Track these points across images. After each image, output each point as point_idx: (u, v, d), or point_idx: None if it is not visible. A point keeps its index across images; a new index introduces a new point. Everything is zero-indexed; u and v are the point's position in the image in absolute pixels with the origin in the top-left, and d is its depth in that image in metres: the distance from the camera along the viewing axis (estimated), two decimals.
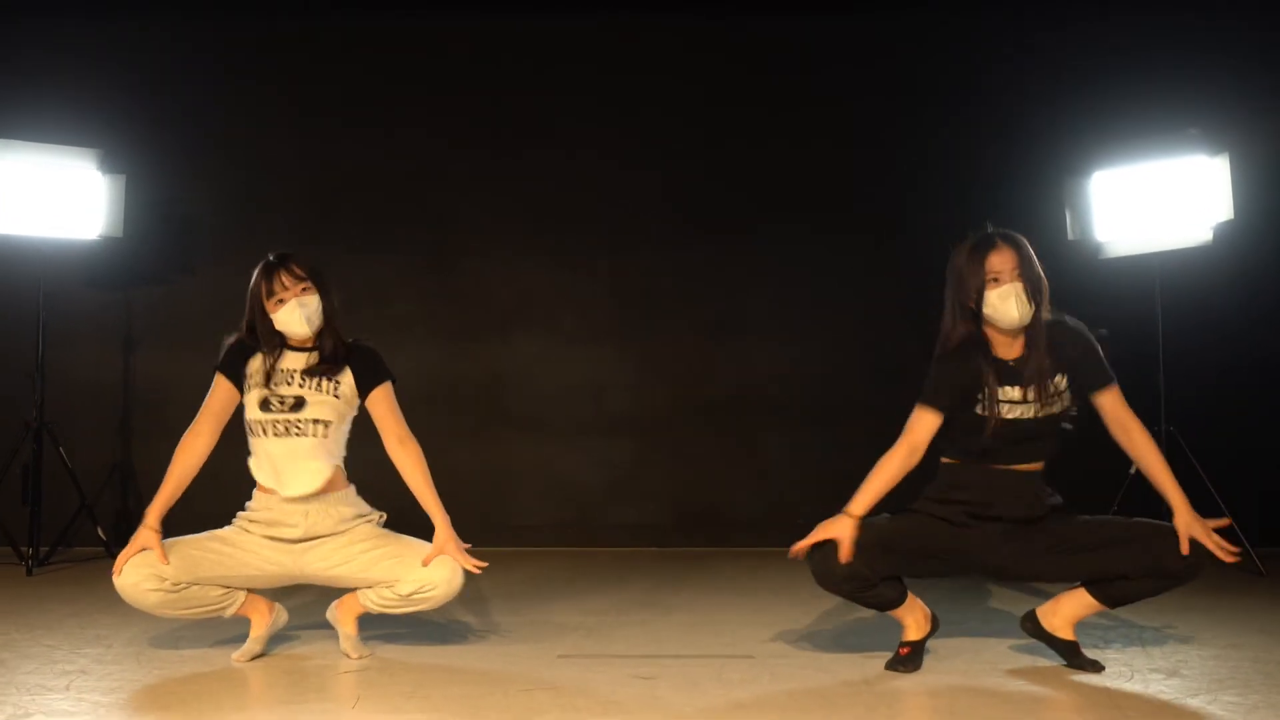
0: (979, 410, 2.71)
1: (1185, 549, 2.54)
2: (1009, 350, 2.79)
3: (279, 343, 3.02)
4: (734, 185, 5.57)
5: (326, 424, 2.97)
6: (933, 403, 2.75)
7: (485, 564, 2.88)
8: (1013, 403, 2.71)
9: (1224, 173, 4.53)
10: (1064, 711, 2.37)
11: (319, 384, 2.99)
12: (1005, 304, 2.72)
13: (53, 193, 4.83)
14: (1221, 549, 2.53)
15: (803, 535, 2.70)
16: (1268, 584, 4.23)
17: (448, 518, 2.93)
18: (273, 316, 2.98)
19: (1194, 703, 2.41)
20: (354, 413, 3.06)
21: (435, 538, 2.91)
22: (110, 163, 4.95)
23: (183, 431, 3.06)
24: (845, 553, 2.62)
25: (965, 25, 5.54)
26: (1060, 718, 2.32)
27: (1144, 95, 5.16)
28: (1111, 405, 2.77)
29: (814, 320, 5.52)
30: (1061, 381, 2.74)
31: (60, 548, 4.92)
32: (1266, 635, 3.18)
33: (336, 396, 2.99)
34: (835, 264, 5.52)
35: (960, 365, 2.75)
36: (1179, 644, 3.05)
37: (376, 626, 3.21)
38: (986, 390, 2.70)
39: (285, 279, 2.97)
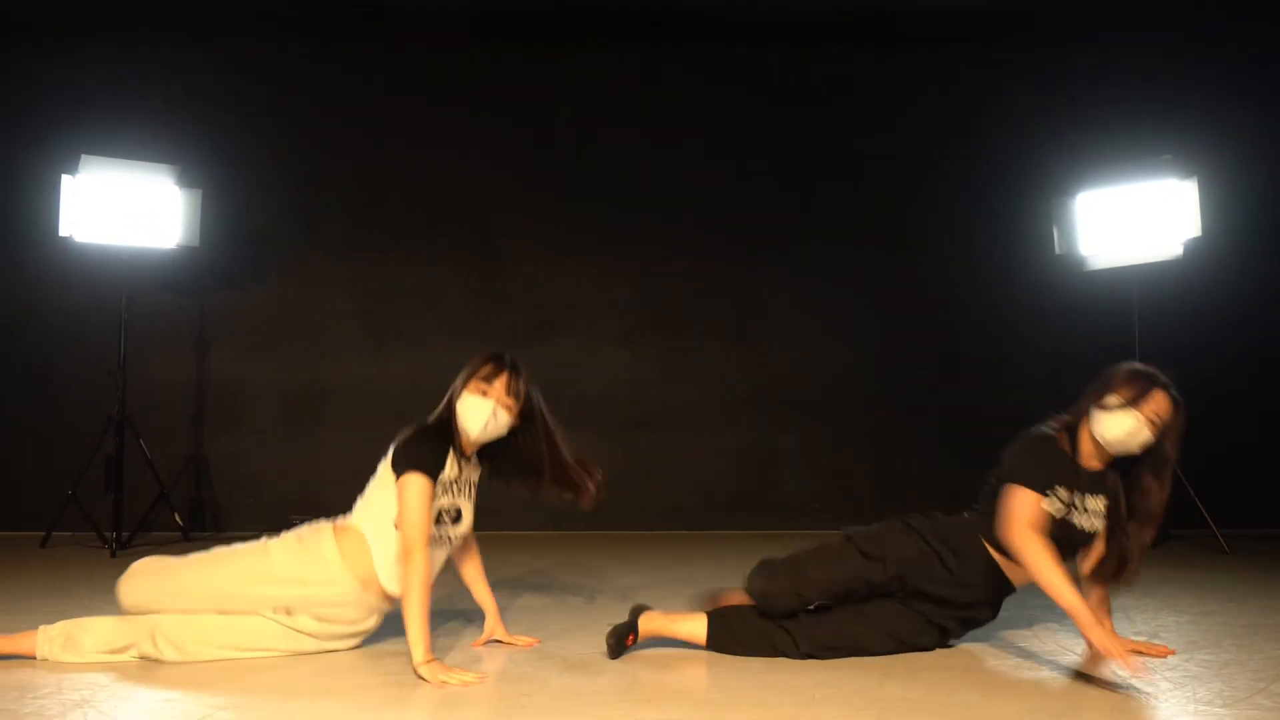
0: (1055, 510, 2.62)
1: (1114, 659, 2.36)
2: (1090, 461, 2.69)
3: (452, 440, 2.71)
4: (755, 203, 5.86)
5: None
6: (1040, 488, 2.60)
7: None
8: (1088, 511, 2.66)
9: (1193, 194, 4.80)
10: (1054, 669, 2.70)
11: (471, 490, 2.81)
12: (1126, 426, 2.59)
13: (136, 205, 5.02)
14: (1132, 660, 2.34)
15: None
16: (1230, 560, 4.56)
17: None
18: (462, 396, 2.72)
19: (1172, 660, 2.67)
20: None
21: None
22: (187, 178, 5.15)
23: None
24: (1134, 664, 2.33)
25: (966, 62, 5.85)
26: (1049, 673, 2.61)
27: (1124, 125, 5.50)
28: None
29: (826, 325, 5.81)
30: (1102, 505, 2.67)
31: (139, 533, 5.11)
32: (1234, 603, 3.47)
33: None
34: (846, 273, 5.81)
35: (1058, 459, 2.66)
36: (1156, 611, 3.33)
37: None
38: (1071, 493, 2.63)
39: (505, 382, 2.73)
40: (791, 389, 5.82)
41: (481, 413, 2.69)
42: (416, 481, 2.59)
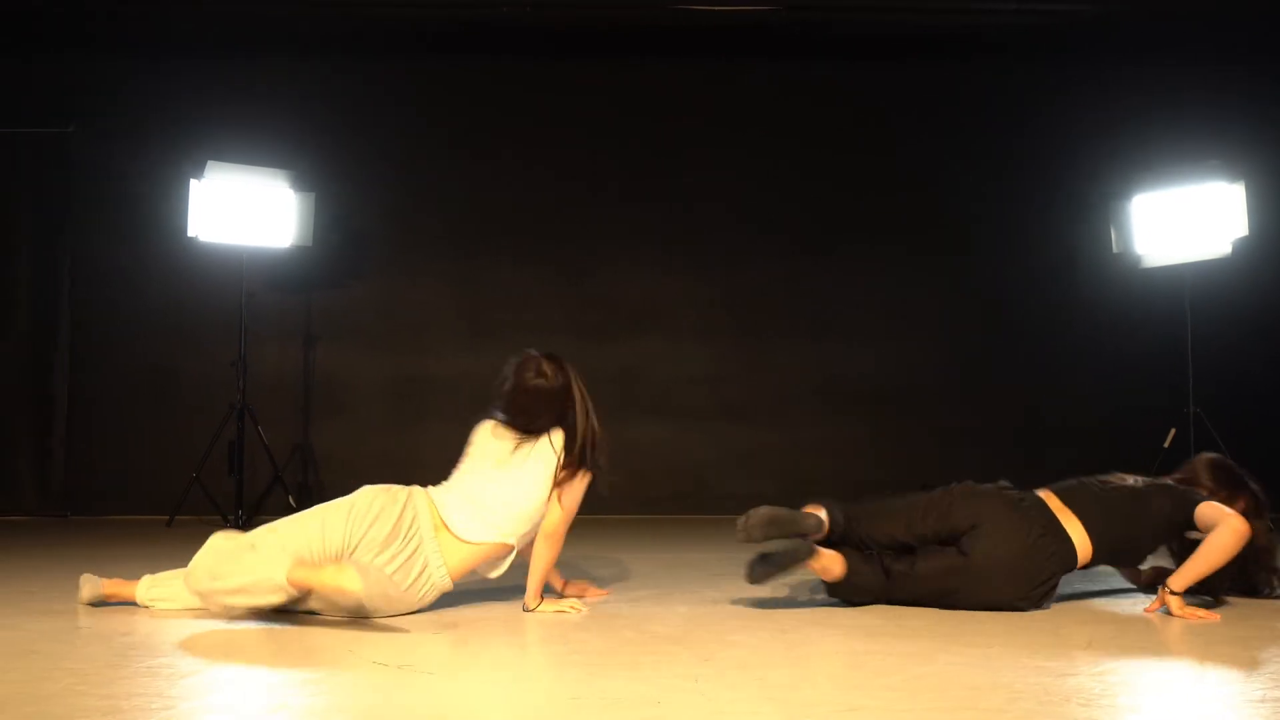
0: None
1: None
2: None
3: None
4: (829, 210, 6.21)
5: None
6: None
7: None
8: None
9: (1241, 196, 5.11)
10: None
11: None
12: None
13: (254, 207, 5.35)
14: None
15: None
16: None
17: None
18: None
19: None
20: None
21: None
22: (301, 182, 5.47)
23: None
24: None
25: (1028, 74, 6.22)
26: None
27: (1175, 131, 5.83)
28: None
29: (895, 322, 6.16)
30: None
31: (256, 515, 5.40)
32: None
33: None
34: (914, 274, 6.17)
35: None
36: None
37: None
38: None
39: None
40: (862, 382, 6.15)
41: None
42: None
